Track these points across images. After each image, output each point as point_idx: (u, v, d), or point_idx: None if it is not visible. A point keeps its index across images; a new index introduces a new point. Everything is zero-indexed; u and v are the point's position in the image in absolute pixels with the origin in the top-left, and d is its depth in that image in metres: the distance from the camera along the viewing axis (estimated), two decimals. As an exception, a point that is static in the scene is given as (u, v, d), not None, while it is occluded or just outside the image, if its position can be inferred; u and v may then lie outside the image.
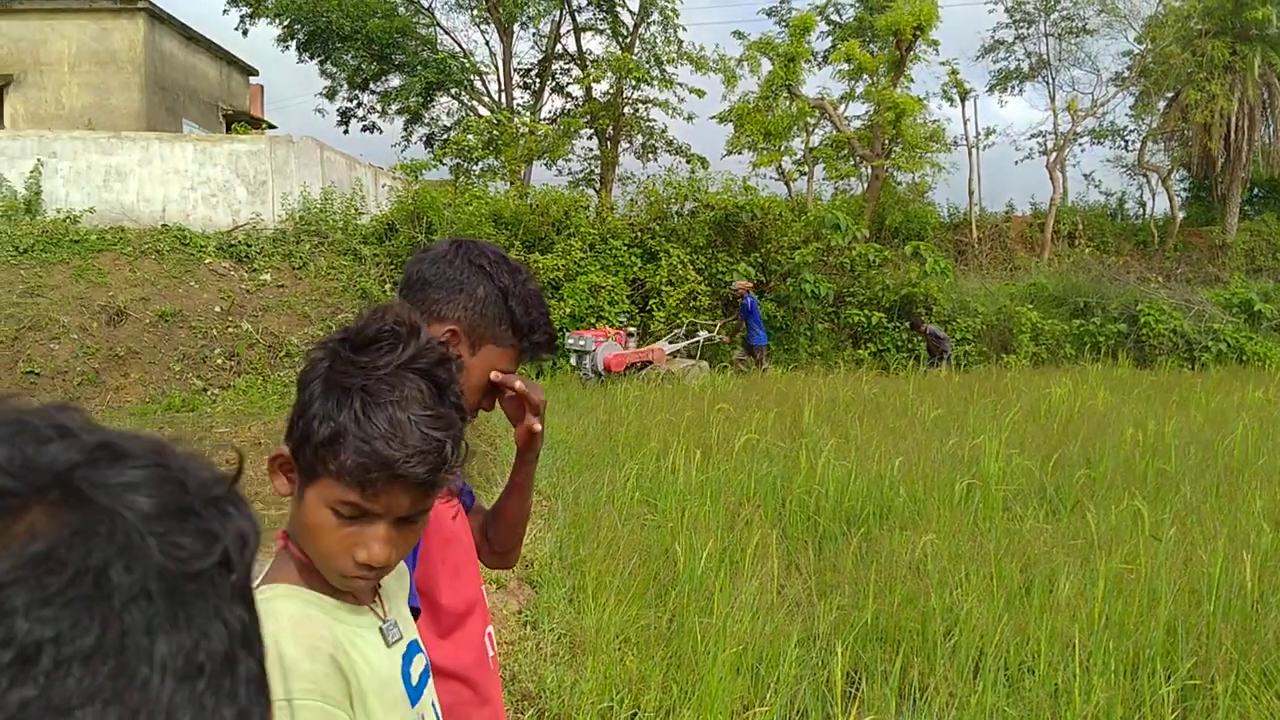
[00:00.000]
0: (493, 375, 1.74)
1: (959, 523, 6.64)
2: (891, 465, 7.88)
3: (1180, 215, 27.97)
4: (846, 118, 27.82)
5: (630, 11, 29.94)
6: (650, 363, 16.89)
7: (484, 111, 29.08)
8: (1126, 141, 30.74)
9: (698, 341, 18.03)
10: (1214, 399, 13.20)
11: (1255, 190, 29.51)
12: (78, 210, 18.23)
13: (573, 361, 16.86)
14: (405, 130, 31.24)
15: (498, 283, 1.71)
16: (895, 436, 9.74)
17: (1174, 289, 22.91)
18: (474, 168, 24.44)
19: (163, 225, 18.45)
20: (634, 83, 27.98)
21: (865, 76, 26.73)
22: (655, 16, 29.55)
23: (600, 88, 29.15)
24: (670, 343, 17.80)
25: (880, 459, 8.19)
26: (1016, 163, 48.73)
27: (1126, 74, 28.77)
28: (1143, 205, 30.48)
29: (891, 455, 8.28)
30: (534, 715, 4.28)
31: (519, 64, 31.37)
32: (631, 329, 18.14)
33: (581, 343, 16.80)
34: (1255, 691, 4.17)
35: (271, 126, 28.96)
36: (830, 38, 29.83)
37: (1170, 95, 27.47)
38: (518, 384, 1.74)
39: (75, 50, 23.33)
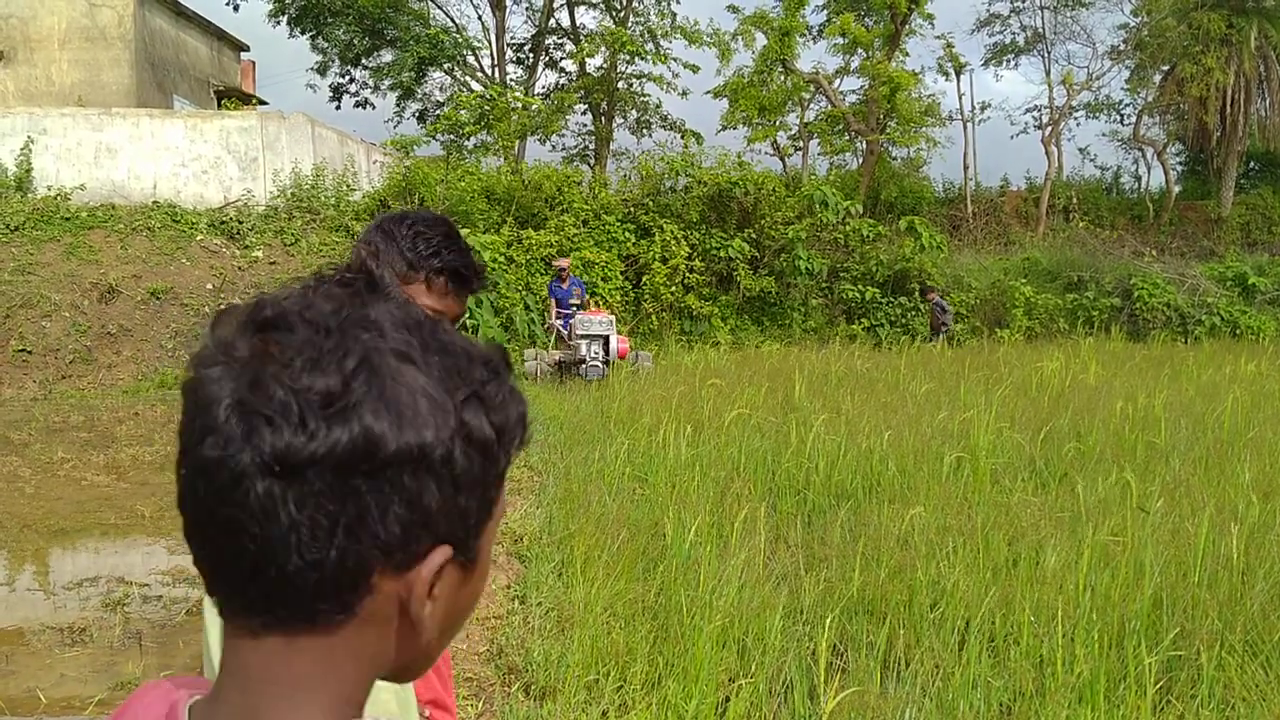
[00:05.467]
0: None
1: (947, 496, 6.64)
2: (881, 439, 7.88)
3: (1175, 189, 27.90)
4: (841, 92, 27.69)
5: (624, -15, 29.77)
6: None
7: (477, 86, 28.91)
8: (1122, 115, 30.67)
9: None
10: (1206, 372, 13.21)
11: (1251, 164, 29.46)
12: (68, 187, 18.16)
13: (581, 352, 13.94)
14: (398, 106, 31.04)
15: (390, 236, 1.94)
16: (886, 411, 9.74)
17: (1168, 263, 22.92)
18: (466, 143, 24.31)
19: (154, 202, 18.39)
20: (628, 57, 27.82)
21: (860, 51, 26.58)
22: (649, -10, 29.37)
23: (594, 62, 29.02)
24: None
25: (870, 433, 8.20)
26: (1012, 137, 49.00)
27: (1122, 47, 28.63)
28: (1138, 179, 30.49)
29: (882, 429, 8.28)
30: (520, 688, 4.29)
31: (512, 38, 31.21)
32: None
33: (599, 324, 14.10)
34: (1240, 662, 4.17)
35: (263, 103, 28.78)
36: (825, 12, 29.63)
37: (1166, 69, 27.35)
38: None
39: (65, 26, 23.14)
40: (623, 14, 29.50)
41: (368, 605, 0.67)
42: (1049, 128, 28.21)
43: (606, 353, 14.02)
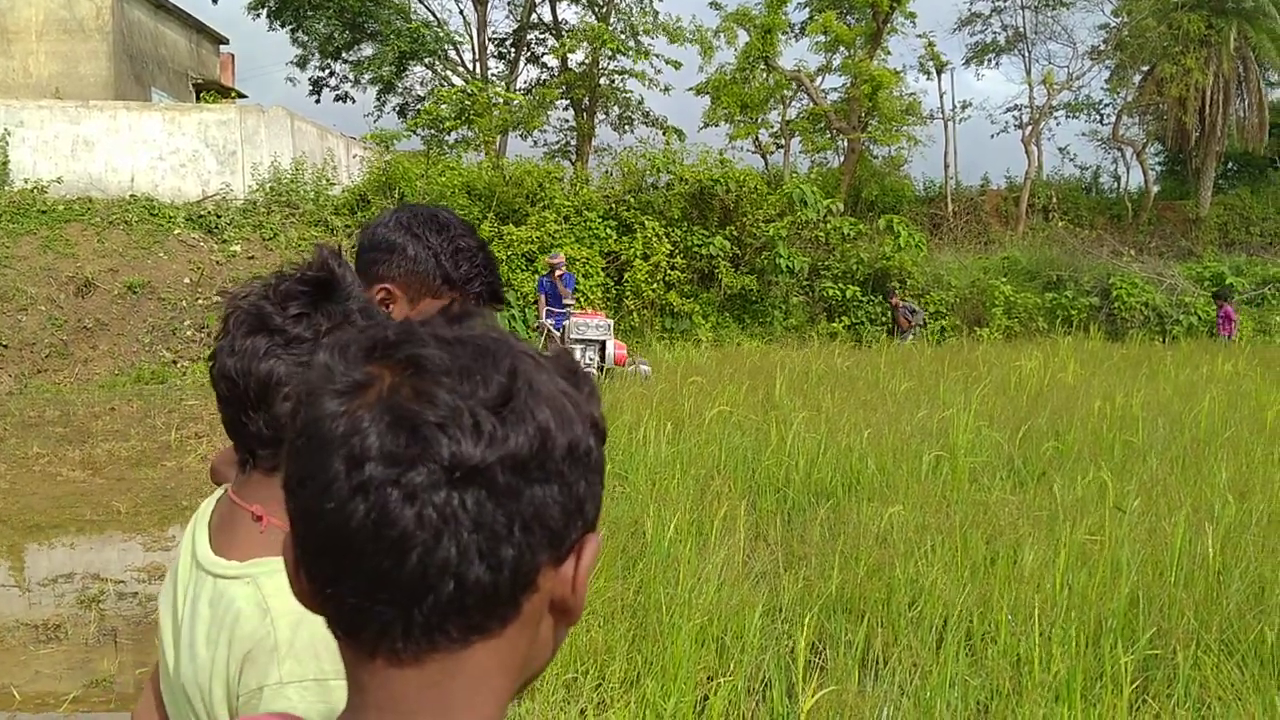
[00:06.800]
0: None
1: (926, 494, 6.66)
2: (861, 437, 7.90)
3: (1154, 189, 28.08)
4: (823, 90, 27.73)
5: (606, -19, 29.71)
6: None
7: (458, 81, 28.81)
8: (1102, 115, 30.85)
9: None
10: (1183, 372, 13.28)
11: (1229, 164, 29.64)
12: (45, 180, 17.99)
13: (575, 357, 13.26)
14: (378, 100, 30.93)
15: (425, 243, 1.80)
16: (866, 409, 9.76)
17: (1147, 262, 23.03)
18: (447, 138, 24.22)
19: (131, 195, 18.24)
20: (610, 53, 27.78)
21: (842, 49, 26.63)
22: (631, -14, 29.31)
23: (576, 58, 28.96)
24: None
25: (850, 431, 8.21)
26: (992, 136, 49.07)
27: (1102, 47, 28.77)
28: (1117, 179, 30.64)
29: (861, 428, 8.29)
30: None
31: (494, 33, 31.10)
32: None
33: (594, 328, 13.47)
34: (1216, 662, 4.20)
35: (242, 96, 28.60)
36: (807, 9, 29.68)
37: (1146, 69, 27.49)
38: None
39: (43, 18, 22.94)
40: (605, 10, 29.44)
41: (530, 605, 0.68)
42: (1029, 127, 28.33)
43: (603, 359, 13.32)
